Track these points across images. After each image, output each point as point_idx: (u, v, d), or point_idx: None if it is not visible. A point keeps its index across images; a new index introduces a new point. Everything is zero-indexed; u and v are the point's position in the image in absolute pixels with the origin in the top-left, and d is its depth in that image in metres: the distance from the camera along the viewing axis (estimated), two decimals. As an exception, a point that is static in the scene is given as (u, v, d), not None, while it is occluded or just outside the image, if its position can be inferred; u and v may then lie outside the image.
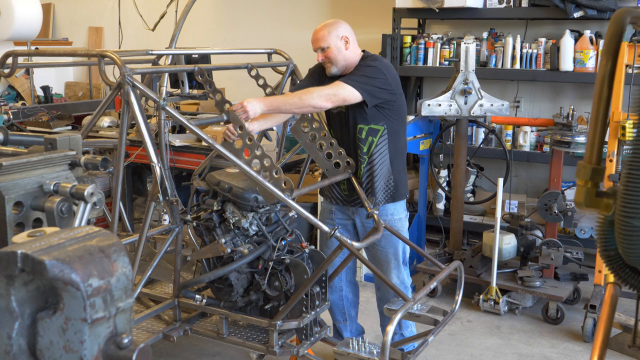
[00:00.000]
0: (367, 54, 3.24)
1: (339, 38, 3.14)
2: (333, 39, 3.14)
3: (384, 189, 3.23)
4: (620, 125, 3.75)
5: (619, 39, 1.33)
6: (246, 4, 6.81)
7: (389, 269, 3.31)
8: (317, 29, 3.19)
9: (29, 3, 5.96)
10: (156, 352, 3.68)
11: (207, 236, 3.06)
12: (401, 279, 3.33)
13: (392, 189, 3.24)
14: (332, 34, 3.14)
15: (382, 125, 3.18)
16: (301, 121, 3.23)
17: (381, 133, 3.18)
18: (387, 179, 3.23)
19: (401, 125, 3.28)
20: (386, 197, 3.24)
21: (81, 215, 1.64)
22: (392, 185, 3.24)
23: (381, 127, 3.18)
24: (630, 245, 1.27)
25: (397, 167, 3.27)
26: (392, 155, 3.23)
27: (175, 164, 4.78)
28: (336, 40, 3.14)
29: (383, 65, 3.15)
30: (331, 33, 3.14)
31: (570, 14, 4.63)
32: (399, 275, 3.33)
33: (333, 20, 3.22)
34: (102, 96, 6.88)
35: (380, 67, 3.11)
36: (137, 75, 2.85)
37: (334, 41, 3.14)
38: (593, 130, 1.36)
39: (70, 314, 1.00)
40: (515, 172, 5.39)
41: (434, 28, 5.79)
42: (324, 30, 3.16)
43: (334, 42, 3.14)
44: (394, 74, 3.19)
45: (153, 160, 2.68)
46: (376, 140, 3.20)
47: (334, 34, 3.14)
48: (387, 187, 3.24)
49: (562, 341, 4.00)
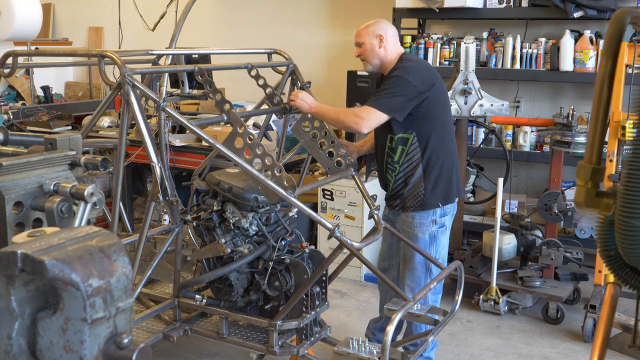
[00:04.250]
0: (404, 56, 3.21)
1: (374, 36, 3.17)
2: (369, 36, 3.17)
3: (413, 197, 3.18)
4: (620, 125, 3.75)
5: (619, 39, 1.33)
6: (246, 4, 6.81)
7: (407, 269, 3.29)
8: (360, 28, 3.24)
9: (29, 3, 5.96)
10: (156, 352, 3.68)
11: (207, 236, 3.06)
12: (416, 282, 3.28)
13: (421, 197, 3.17)
14: (369, 31, 3.18)
15: (410, 133, 3.13)
16: (302, 120, 3.23)
17: (411, 141, 3.14)
18: (416, 188, 3.17)
19: (434, 125, 3.16)
20: (415, 205, 3.19)
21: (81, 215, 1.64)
22: (421, 194, 3.17)
23: (410, 135, 3.13)
24: (630, 245, 1.27)
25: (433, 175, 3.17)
26: (427, 163, 3.16)
27: (175, 164, 4.78)
28: (371, 38, 3.17)
29: (410, 70, 3.08)
30: (368, 30, 3.19)
31: (570, 14, 4.63)
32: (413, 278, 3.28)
33: (377, 19, 3.25)
34: (102, 96, 6.88)
35: (407, 76, 3.05)
36: (137, 75, 2.85)
37: (369, 38, 3.17)
38: (593, 130, 1.36)
39: (70, 314, 1.00)
40: (515, 172, 5.39)
41: (434, 28, 5.78)
42: (364, 27, 3.21)
43: (369, 39, 3.17)
44: (423, 74, 3.12)
45: (153, 160, 2.68)
46: (407, 149, 3.16)
47: (370, 30, 3.18)
48: (417, 196, 3.18)
49: (562, 341, 4.00)
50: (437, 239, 3.25)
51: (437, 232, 3.24)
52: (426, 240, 3.22)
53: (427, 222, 3.21)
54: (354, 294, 4.74)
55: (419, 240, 3.21)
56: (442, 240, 3.28)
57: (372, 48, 3.17)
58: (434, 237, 3.24)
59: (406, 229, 3.24)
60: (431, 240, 3.23)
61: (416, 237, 3.21)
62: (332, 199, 4.95)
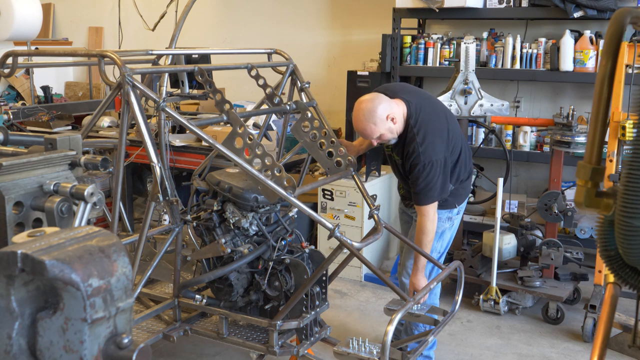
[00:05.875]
0: (409, 115, 3.11)
1: (385, 121, 3.05)
2: (381, 125, 3.05)
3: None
4: (620, 125, 3.75)
5: (619, 39, 1.33)
6: (246, 4, 6.81)
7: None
8: (360, 124, 3.07)
9: (29, 3, 5.96)
10: (156, 352, 3.68)
11: (207, 236, 3.06)
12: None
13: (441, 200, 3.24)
14: (377, 121, 3.03)
15: None
16: (302, 121, 3.23)
17: None
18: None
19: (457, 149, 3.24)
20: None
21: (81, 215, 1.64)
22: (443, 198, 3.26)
23: None
24: (630, 245, 1.27)
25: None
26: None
27: (175, 164, 4.78)
28: (384, 125, 3.05)
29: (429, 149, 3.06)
30: (377, 124, 3.04)
31: (570, 14, 4.62)
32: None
33: (370, 106, 3.05)
34: (102, 96, 6.88)
35: (432, 159, 3.04)
36: (137, 75, 2.85)
37: (383, 127, 3.06)
38: (593, 130, 1.36)
39: (70, 314, 1.00)
40: (515, 172, 5.39)
41: (434, 28, 5.78)
42: (369, 125, 3.05)
43: (383, 127, 3.06)
44: (438, 141, 3.10)
45: (153, 160, 2.67)
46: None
47: (378, 120, 3.03)
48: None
49: (562, 341, 4.00)
50: (444, 233, 3.39)
51: (447, 228, 3.39)
52: (437, 234, 3.33)
53: (444, 218, 3.33)
54: (354, 294, 4.74)
55: None
56: (448, 236, 3.43)
57: (390, 131, 3.09)
58: (442, 232, 3.38)
59: None
60: (440, 234, 3.37)
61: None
62: (332, 199, 4.95)
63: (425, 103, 3.21)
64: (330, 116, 5.57)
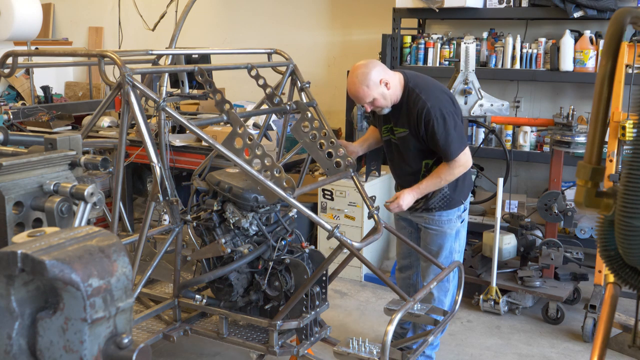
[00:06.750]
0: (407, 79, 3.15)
1: (378, 85, 3.05)
2: (374, 89, 3.06)
3: (439, 200, 3.27)
4: (620, 125, 3.75)
5: (619, 39, 1.33)
6: (246, 4, 6.81)
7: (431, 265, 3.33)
8: (354, 87, 3.08)
9: (29, 3, 5.96)
10: (156, 352, 3.68)
11: (207, 236, 3.06)
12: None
13: (447, 199, 3.28)
14: (370, 84, 3.04)
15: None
16: (301, 121, 3.23)
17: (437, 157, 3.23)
18: (441, 192, 3.25)
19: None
20: (441, 205, 3.29)
21: (81, 215, 1.64)
22: (447, 195, 3.27)
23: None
24: (630, 245, 1.27)
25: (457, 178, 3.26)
26: None
27: (175, 164, 4.78)
28: (377, 89, 3.06)
29: (435, 102, 3.08)
30: (370, 87, 3.04)
31: (570, 14, 4.63)
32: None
33: (364, 70, 3.07)
34: (102, 96, 6.88)
35: (443, 111, 3.06)
36: (137, 75, 2.85)
37: (376, 91, 3.06)
38: (593, 130, 1.36)
39: (70, 314, 1.00)
40: (515, 172, 5.39)
41: (434, 28, 5.78)
42: (362, 87, 3.05)
43: (376, 92, 3.07)
44: (442, 95, 3.15)
45: (153, 160, 2.67)
46: (430, 163, 3.25)
47: (371, 83, 3.04)
48: (443, 198, 3.27)
49: (562, 341, 4.00)
50: (459, 233, 3.40)
51: (460, 227, 3.40)
52: (452, 236, 3.36)
53: (454, 218, 3.34)
54: (354, 294, 4.74)
55: (446, 237, 3.34)
56: (463, 234, 3.45)
57: (383, 96, 3.09)
58: (458, 232, 3.39)
59: (435, 227, 3.35)
60: (456, 235, 3.38)
61: (444, 234, 3.34)
62: (332, 199, 4.95)
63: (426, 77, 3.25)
64: (330, 116, 5.56)
